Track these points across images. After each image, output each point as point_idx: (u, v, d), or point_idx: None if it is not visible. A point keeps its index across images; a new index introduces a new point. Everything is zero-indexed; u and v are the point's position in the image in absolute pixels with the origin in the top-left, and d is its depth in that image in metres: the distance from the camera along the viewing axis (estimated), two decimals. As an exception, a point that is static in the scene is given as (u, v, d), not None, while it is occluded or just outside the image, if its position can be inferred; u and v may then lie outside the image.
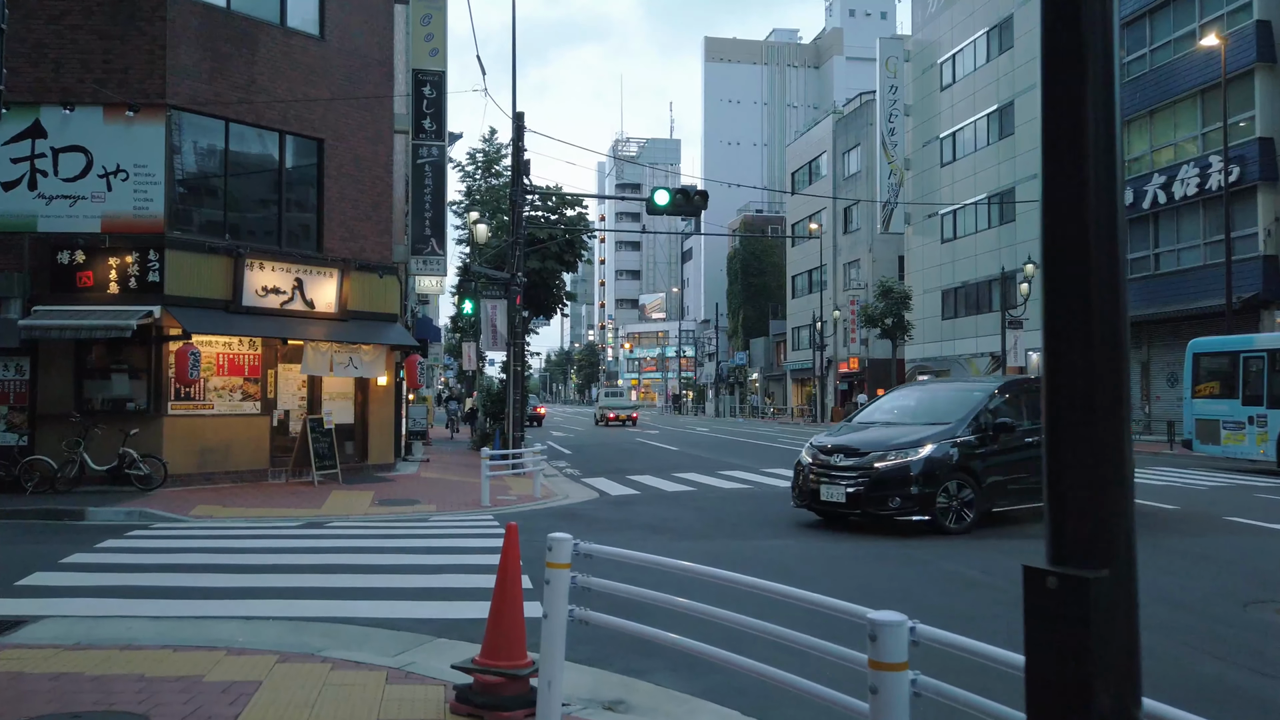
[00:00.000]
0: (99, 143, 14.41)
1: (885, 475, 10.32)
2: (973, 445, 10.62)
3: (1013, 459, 10.88)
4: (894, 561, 8.77)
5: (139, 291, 14.26)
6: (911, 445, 10.48)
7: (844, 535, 10.36)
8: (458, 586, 7.62)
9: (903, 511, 10.22)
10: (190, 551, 9.25)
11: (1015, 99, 35.80)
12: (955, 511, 10.28)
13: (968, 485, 10.41)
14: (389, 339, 16.86)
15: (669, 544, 9.80)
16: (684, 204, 18.85)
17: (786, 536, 10.27)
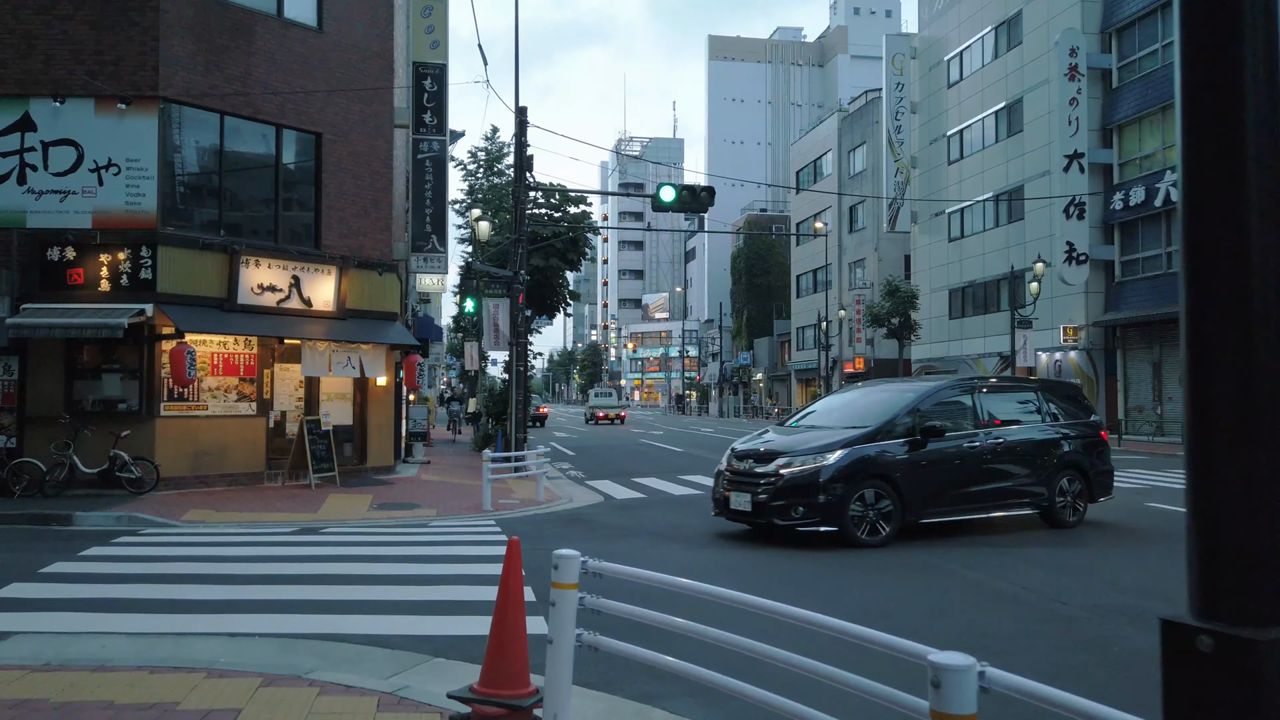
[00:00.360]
0: (90, 136, 14.02)
1: (791, 483, 9.55)
2: (895, 450, 9.82)
3: (946, 466, 10.08)
4: (919, 570, 8.34)
5: (131, 289, 13.86)
6: (821, 450, 9.69)
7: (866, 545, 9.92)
8: (457, 599, 7.21)
9: (807, 522, 9.46)
10: (177, 560, 8.84)
11: (1024, 95, 35.31)
12: (870, 523, 9.48)
13: (886, 495, 9.59)
14: (389, 338, 16.45)
15: (678, 553, 9.38)
16: (690, 200, 18.47)
17: (802, 544, 9.83)
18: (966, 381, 11.42)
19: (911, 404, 10.32)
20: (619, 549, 9.54)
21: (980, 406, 10.76)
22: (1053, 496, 10.78)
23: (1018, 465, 10.59)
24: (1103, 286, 32.29)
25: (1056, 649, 5.90)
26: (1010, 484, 10.50)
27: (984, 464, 10.30)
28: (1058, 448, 10.96)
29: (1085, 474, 11.11)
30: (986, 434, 10.46)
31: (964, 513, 10.28)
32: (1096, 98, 32.23)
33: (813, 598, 7.26)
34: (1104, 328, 31.97)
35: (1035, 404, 11.35)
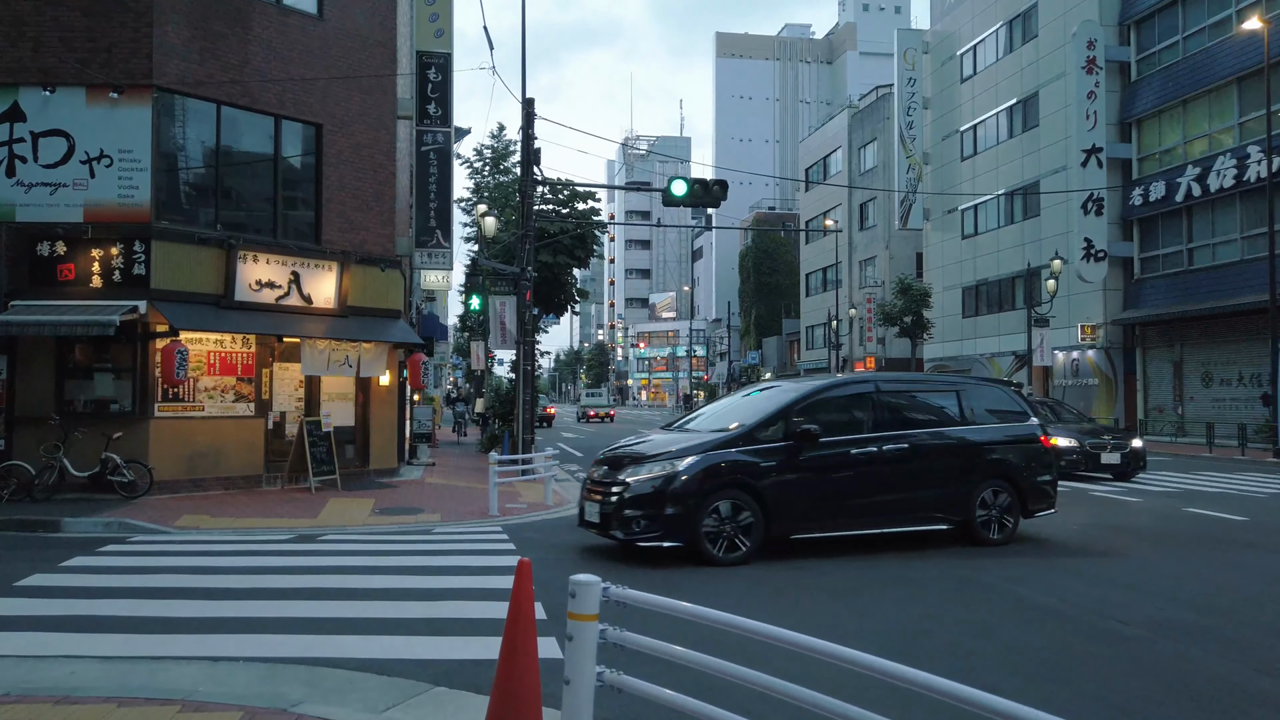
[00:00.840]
0: (81, 126, 13.50)
1: (636, 492, 8.54)
2: (762, 457, 8.72)
3: (830, 475, 8.98)
4: (958, 585, 7.75)
5: (124, 285, 13.34)
6: (675, 457, 8.65)
7: (912, 551, 9.34)
8: (460, 616, 6.65)
9: (648, 536, 8.47)
10: (165, 572, 8.30)
11: (1040, 90, 34.66)
12: (728, 538, 8.45)
13: (747, 507, 8.54)
14: (392, 336, 15.91)
15: (702, 567, 8.81)
16: (702, 195, 17.91)
17: (835, 553, 9.25)
18: (870, 379, 10.28)
19: (788, 404, 9.18)
20: (632, 561, 8.97)
21: (882, 407, 9.55)
22: (971, 510, 9.51)
23: (925, 474, 9.37)
24: (1121, 284, 31.64)
25: (1119, 673, 5.32)
26: (914, 495, 9.31)
27: (880, 473, 9.14)
28: (980, 454, 9.68)
29: (1016, 484, 9.76)
30: (885, 439, 9.23)
31: (852, 527, 9.19)
32: (1114, 91, 31.59)
33: (851, 615, 6.69)
34: (1123, 326, 31.32)
35: (955, 405, 10.00)
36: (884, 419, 9.47)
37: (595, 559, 8.99)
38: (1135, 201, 30.71)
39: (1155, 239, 30.54)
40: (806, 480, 8.89)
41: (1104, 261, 30.65)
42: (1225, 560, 9.07)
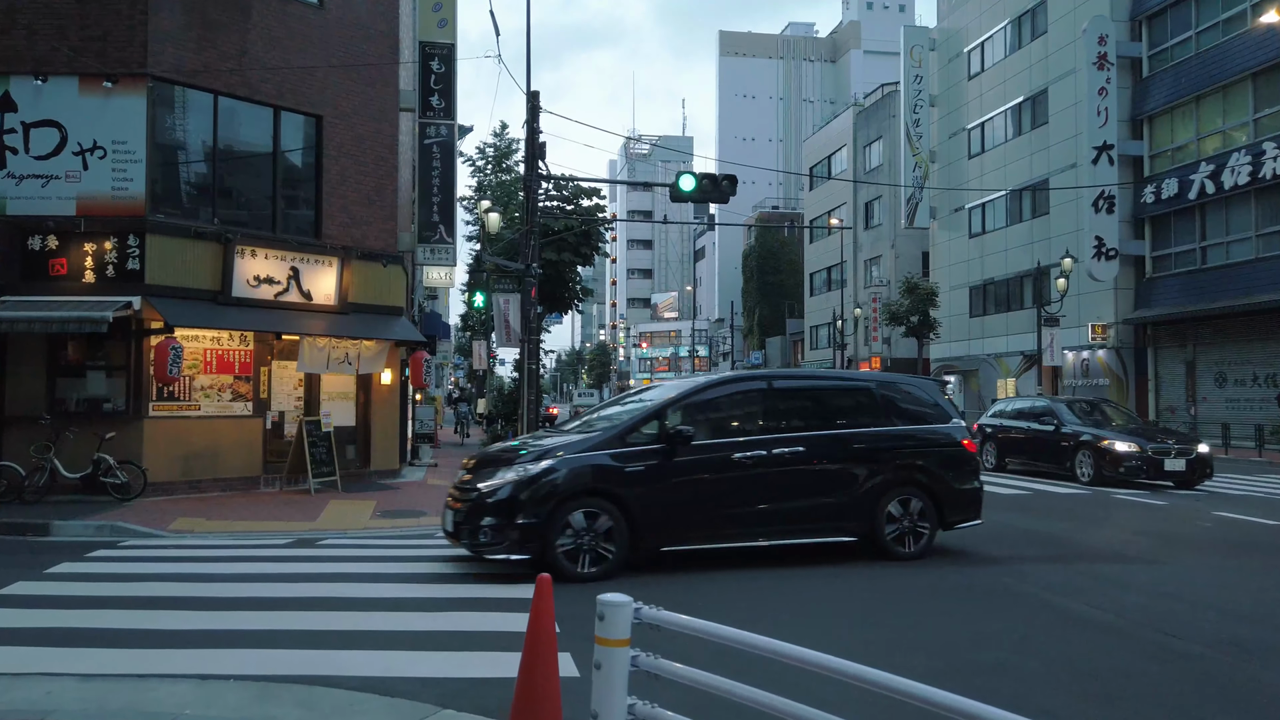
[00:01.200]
0: (74, 117, 13.10)
1: (485, 499, 7.79)
2: (628, 462, 7.94)
3: (709, 481, 8.18)
4: (996, 595, 7.33)
5: (117, 280, 12.94)
6: (531, 460, 7.92)
7: (936, 559, 8.93)
8: (467, 629, 6.24)
9: (496, 547, 7.69)
10: (155, 579, 7.88)
11: (1049, 86, 34.22)
12: (588, 551, 7.66)
13: (608, 516, 7.73)
14: (393, 334, 15.50)
15: (727, 575, 8.39)
16: (711, 190, 17.55)
17: (854, 560, 8.83)
18: (764, 375, 9.41)
19: (663, 404, 8.42)
20: (647, 568, 8.55)
21: (775, 407, 8.78)
22: (877, 520, 8.64)
23: (823, 480, 8.58)
24: (1132, 283, 31.19)
25: (1187, 697, 4.91)
26: (809, 503, 8.49)
27: (768, 479, 8.31)
28: (889, 459, 8.81)
29: (932, 493, 8.88)
30: (776, 441, 8.42)
31: (735, 539, 8.37)
32: (1125, 88, 31.14)
33: (886, 629, 6.28)
34: (1134, 325, 30.86)
35: (864, 404, 9.17)
36: (777, 419, 8.70)
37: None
38: (1147, 199, 30.26)
39: (1168, 237, 30.09)
40: (680, 487, 8.08)
41: (1115, 260, 30.22)
42: (1271, 566, 8.65)
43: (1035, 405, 18.61)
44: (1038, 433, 17.50)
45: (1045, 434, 17.23)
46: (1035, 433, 17.60)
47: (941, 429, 9.27)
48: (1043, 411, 17.80)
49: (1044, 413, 17.68)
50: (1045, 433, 17.24)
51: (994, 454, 18.64)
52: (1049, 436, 17.10)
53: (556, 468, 7.84)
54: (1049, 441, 17.07)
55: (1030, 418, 18.04)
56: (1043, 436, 17.30)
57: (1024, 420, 18.24)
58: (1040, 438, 17.39)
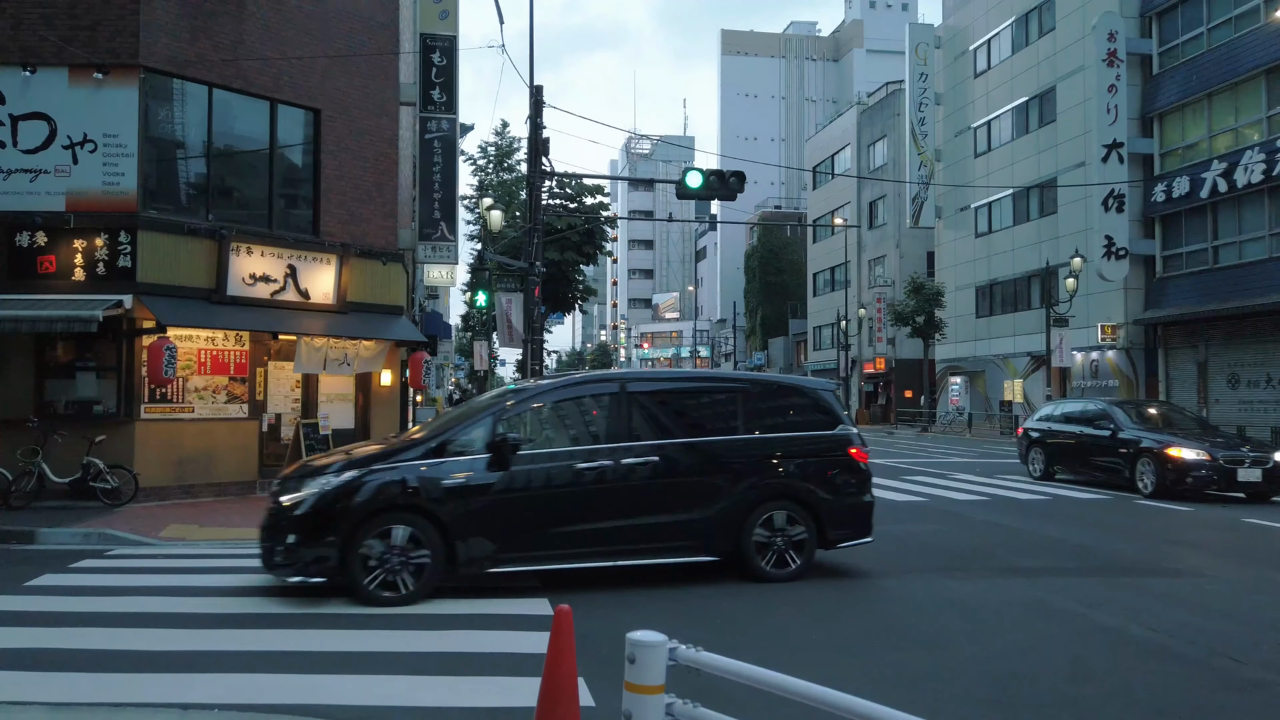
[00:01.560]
0: (64, 109, 12.66)
1: (286, 514, 7.05)
2: (447, 473, 7.16)
3: (544, 495, 7.39)
4: (1033, 611, 6.90)
5: (108, 278, 12.50)
6: (337, 470, 7.16)
7: (953, 571, 8.50)
8: (472, 651, 5.80)
9: (287, 568, 6.98)
10: (141, 593, 7.45)
11: (1057, 84, 33.80)
12: (395, 573, 6.88)
13: (421, 533, 6.96)
14: (393, 334, 15.07)
15: (747, 596, 7.97)
16: (718, 187, 17.14)
17: (885, 576, 8.39)
18: (617, 377, 8.44)
19: (496, 409, 7.62)
20: (651, 572, 8.12)
21: (628, 412, 7.82)
22: (745, 538, 7.76)
23: (681, 493, 7.74)
24: (1143, 283, 30.75)
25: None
26: (665, 519, 7.63)
27: (616, 492, 7.50)
28: (760, 469, 7.96)
29: (811, 507, 8.00)
30: (626, 451, 7.57)
31: (575, 559, 7.44)
32: (1135, 85, 30.71)
33: (922, 650, 5.84)
34: (1144, 326, 30.44)
35: (734, 408, 8.20)
36: (630, 426, 7.80)
37: (612, 581, 8.15)
38: (1157, 198, 29.83)
39: (1178, 236, 29.66)
40: (509, 502, 7.26)
41: (1125, 260, 29.79)
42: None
43: (1088, 408, 16.69)
44: (1091, 438, 15.79)
45: (1100, 440, 15.55)
46: (1088, 438, 15.88)
47: (826, 436, 8.35)
48: (1097, 415, 15.96)
49: (1098, 416, 15.88)
50: (1100, 439, 15.55)
51: (1040, 462, 17.11)
52: (1104, 443, 15.39)
53: (363, 480, 7.04)
54: (1104, 448, 15.40)
55: (1082, 422, 16.23)
56: (1097, 443, 15.62)
57: (1075, 424, 16.41)
58: (1094, 444, 15.72)
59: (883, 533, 10.72)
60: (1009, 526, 11.31)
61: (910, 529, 11.16)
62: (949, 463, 21.54)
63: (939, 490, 15.23)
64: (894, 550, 9.57)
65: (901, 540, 10.25)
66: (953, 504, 13.57)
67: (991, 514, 12.45)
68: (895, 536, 10.50)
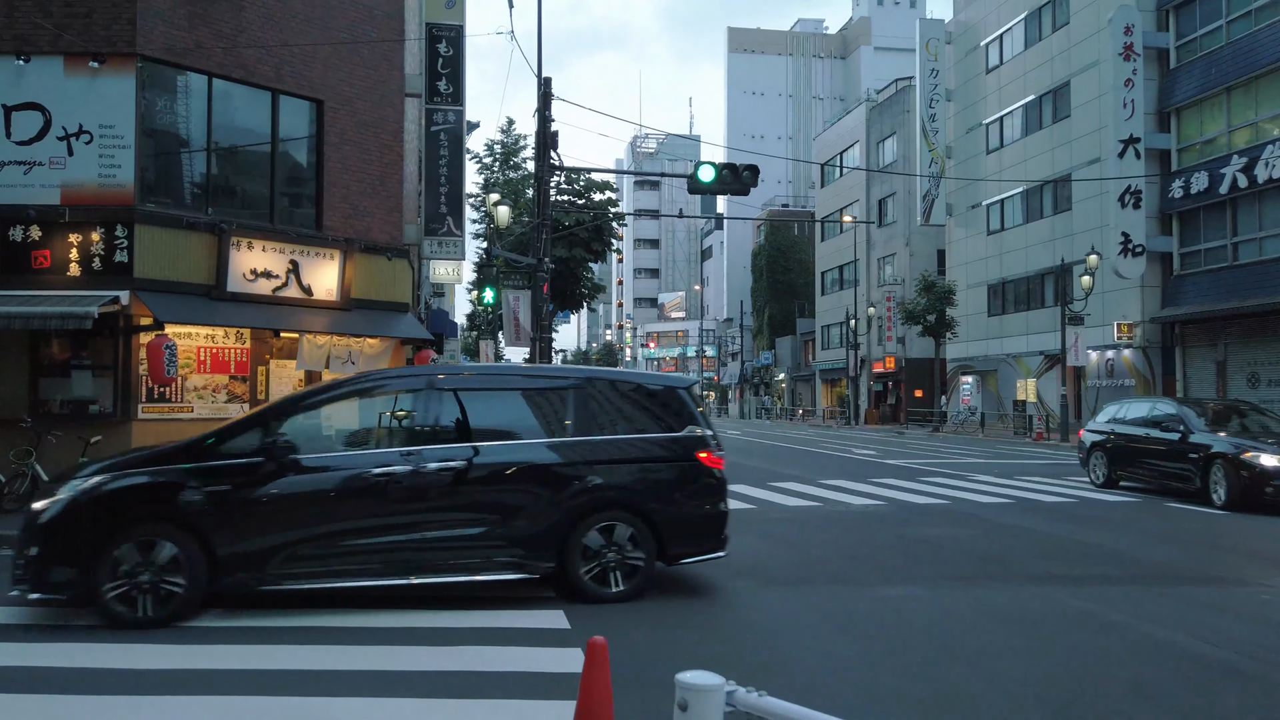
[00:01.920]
0: (58, 99, 12.28)
1: (34, 522, 6.38)
2: (210, 479, 6.45)
3: (321, 505, 6.63)
4: (1077, 623, 6.46)
5: (104, 274, 12.11)
6: (89, 474, 6.53)
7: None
8: (483, 670, 5.37)
9: (25, 582, 6.30)
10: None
11: (1071, 79, 33.32)
12: (146, 591, 6.17)
13: (174, 544, 6.22)
14: (398, 331, 14.67)
15: (760, 593, 7.53)
16: (731, 181, 16.79)
17: (917, 584, 7.94)
18: (425, 373, 7.84)
19: (277, 407, 6.99)
20: (690, 584, 7.69)
21: (436, 413, 7.13)
22: (569, 553, 6.89)
23: (493, 504, 6.93)
24: (1160, 280, 30.26)
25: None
26: (476, 532, 6.83)
27: (416, 503, 6.72)
28: (588, 477, 7.06)
29: (649, 518, 7.09)
30: (430, 454, 6.79)
31: (365, 575, 6.63)
32: (1151, 79, 30.21)
33: (966, 668, 5.40)
34: (1161, 324, 29.94)
35: (563, 408, 7.38)
36: (439, 427, 7.09)
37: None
38: (1175, 194, 29.33)
39: (1197, 233, 29.15)
40: (283, 512, 6.52)
41: (1142, 257, 29.30)
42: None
43: (1157, 410, 15.12)
44: (1159, 443, 14.33)
45: (1168, 444, 14.09)
46: (1156, 442, 14.42)
47: (672, 439, 7.39)
48: (1167, 417, 14.45)
49: (1169, 419, 14.37)
50: (1168, 443, 14.09)
51: (1102, 468, 15.62)
52: (1174, 447, 13.94)
53: (110, 486, 6.37)
54: (1173, 453, 13.96)
55: (1151, 425, 14.71)
56: (1165, 447, 14.16)
57: (1142, 427, 14.89)
58: (1162, 449, 14.25)
59: (908, 536, 10.34)
60: (1039, 530, 10.86)
61: (935, 533, 10.71)
62: (965, 463, 21.08)
63: (959, 492, 14.78)
64: (924, 555, 9.13)
65: (930, 545, 9.81)
66: (976, 507, 13.12)
67: (1018, 517, 12.01)
68: (923, 541, 10.07)
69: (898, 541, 10.08)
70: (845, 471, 18.90)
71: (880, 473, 18.51)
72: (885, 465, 20.58)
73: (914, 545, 9.80)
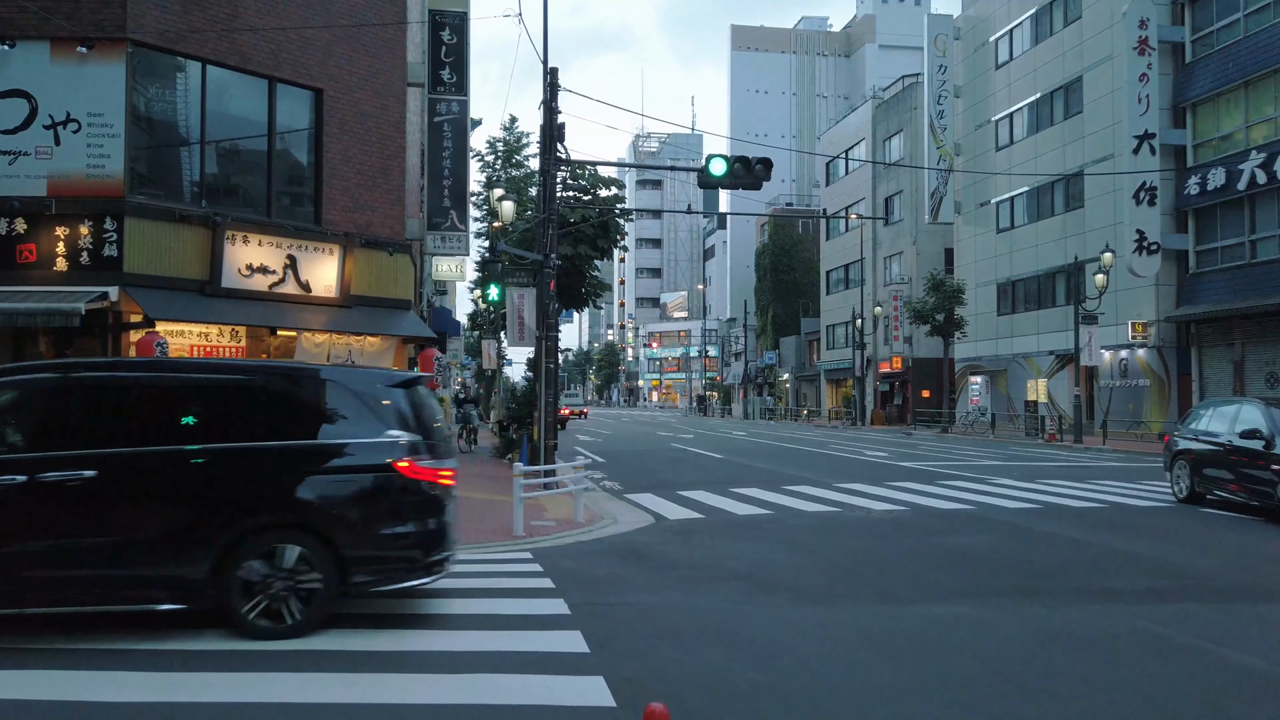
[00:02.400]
0: (45, 86, 11.76)
1: None
2: None
3: None
4: (1143, 646, 5.90)
5: (93, 269, 11.59)
6: None
7: (1032, 595, 7.50)
8: (502, 704, 4.83)
9: None
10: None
11: (1084, 74, 32.77)
12: None
13: None
14: (401, 329, 14.13)
15: (794, 613, 6.98)
16: (743, 174, 16.20)
17: (960, 600, 7.39)
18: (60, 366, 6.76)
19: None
20: (706, 604, 7.15)
21: (66, 413, 6.12)
22: (227, 579, 5.87)
23: (129, 521, 5.91)
24: (1175, 279, 29.72)
25: None
26: (107, 555, 5.82)
27: (32, 519, 5.76)
28: (254, 490, 6.09)
29: (328, 539, 6.05)
30: (49, 463, 5.79)
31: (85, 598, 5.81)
32: (1167, 74, 29.68)
33: (1034, 702, 4.84)
34: (1176, 323, 29.39)
35: (224, 409, 6.31)
36: (69, 431, 6.05)
37: (653, 599, 7.17)
38: (1191, 190, 28.78)
39: (1213, 230, 28.59)
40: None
41: (1157, 254, 28.76)
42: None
43: (1243, 413, 12.75)
44: (1240, 451, 12.30)
45: (1252, 453, 12.05)
46: (1238, 451, 12.34)
47: (362, 445, 6.26)
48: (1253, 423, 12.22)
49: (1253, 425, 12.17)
50: (1251, 452, 12.05)
51: (1185, 479, 13.61)
52: (1257, 456, 11.94)
53: None
54: (1257, 462, 11.94)
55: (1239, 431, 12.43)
56: (1249, 456, 12.12)
57: (1230, 434, 12.64)
58: (1245, 457, 12.20)
59: (940, 545, 9.79)
60: (1076, 539, 10.31)
61: (967, 541, 10.16)
62: (982, 465, 20.53)
63: (983, 497, 14.24)
64: (960, 567, 8.58)
65: (964, 555, 9.26)
66: (1003, 512, 12.57)
67: (1050, 524, 11.46)
68: (956, 550, 9.52)
69: (930, 551, 9.53)
70: (860, 474, 18.36)
71: (896, 476, 17.96)
72: (900, 468, 20.02)
73: (948, 555, 9.25)
